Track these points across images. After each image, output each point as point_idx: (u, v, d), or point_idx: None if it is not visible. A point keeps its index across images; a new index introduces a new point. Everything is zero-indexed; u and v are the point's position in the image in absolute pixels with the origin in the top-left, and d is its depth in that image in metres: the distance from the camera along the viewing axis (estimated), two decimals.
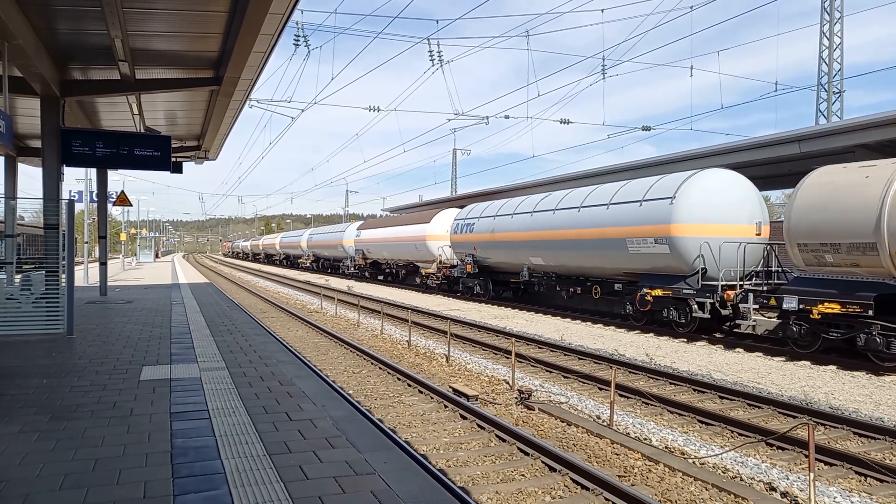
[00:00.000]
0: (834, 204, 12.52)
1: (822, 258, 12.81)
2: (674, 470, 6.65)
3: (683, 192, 16.12)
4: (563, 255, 20.49)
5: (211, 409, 5.68)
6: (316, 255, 56.59)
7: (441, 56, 24.12)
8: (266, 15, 8.89)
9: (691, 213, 15.93)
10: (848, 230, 12.19)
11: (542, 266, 22.10)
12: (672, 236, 15.98)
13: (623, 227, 17.48)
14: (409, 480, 4.09)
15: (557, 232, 20.39)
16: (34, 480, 3.93)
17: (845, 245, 12.29)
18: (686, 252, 15.86)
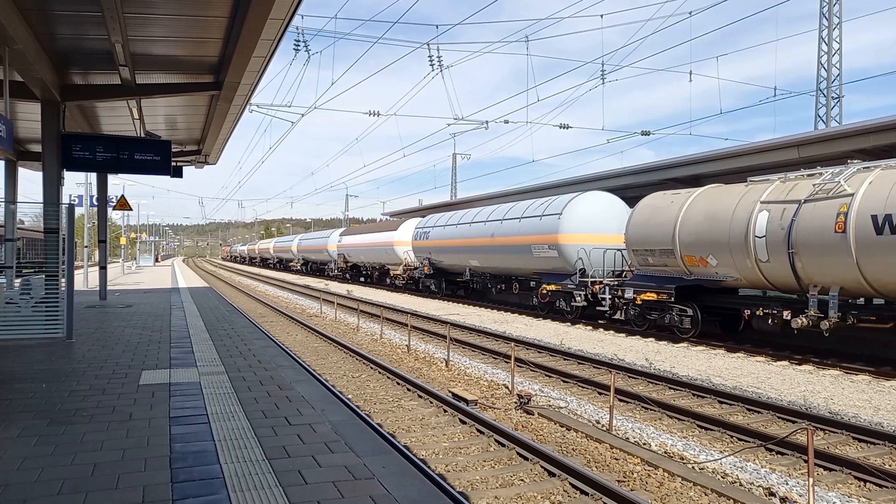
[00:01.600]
0: (652, 220, 16.91)
1: (646, 260, 17.25)
2: (673, 475, 6.65)
3: (568, 209, 20.65)
4: (492, 258, 25.16)
5: (210, 413, 5.68)
6: (305, 258, 60.20)
7: (441, 61, 24.17)
8: (266, 20, 8.92)
9: (573, 226, 20.36)
10: (659, 240, 16.57)
11: (478, 267, 26.84)
12: (559, 244, 20.43)
13: (529, 236, 22.02)
14: (409, 485, 4.09)
15: (487, 240, 24.98)
16: (33, 485, 3.93)
17: (658, 251, 16.68)
18: (569, 256, 20.23)
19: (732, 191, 15.37)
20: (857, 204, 12.14)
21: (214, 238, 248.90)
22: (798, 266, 13.21)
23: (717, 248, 14.98)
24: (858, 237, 12.01)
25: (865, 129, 16.04)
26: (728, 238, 14.59)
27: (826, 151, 16.97)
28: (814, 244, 12.80)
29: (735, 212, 14.57)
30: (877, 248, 11.75)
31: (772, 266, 13.78)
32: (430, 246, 30.29)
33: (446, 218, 29.78)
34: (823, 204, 12.78)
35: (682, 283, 16.01)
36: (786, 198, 13.69)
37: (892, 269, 11.66)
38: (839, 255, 12.35)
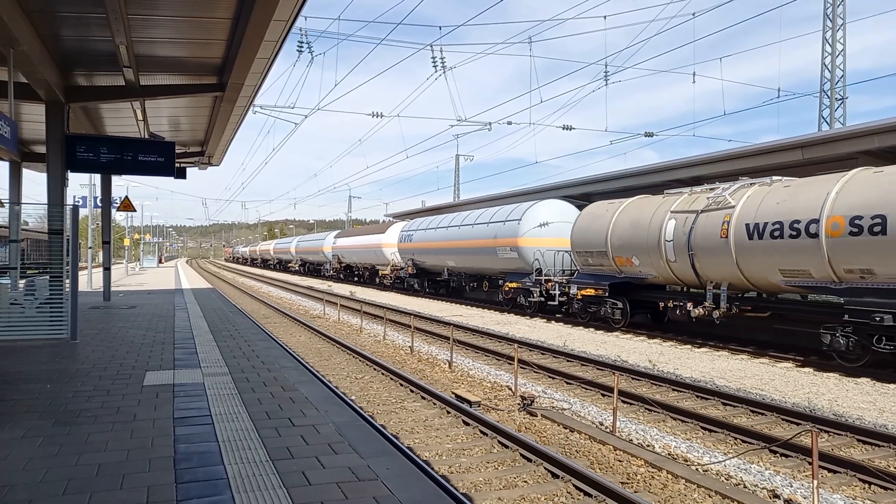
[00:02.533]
0: (591, 227, 19.44)
1: (587, 261, 19.81)
2: (677, 477, 6.64)
3: (525, 215, 23.09)
4: (465, 259, 27.71)
5: (214, 414, 5.69)
6: (303, 259, 62.48)
7: (444, 62, 24.18)
8: (270, 22, 8.93)
9: (530, 231, 22.81)
10: (596, 243, 19.09)
11: (454, 267, 29.38)
12: (519, 246, 22.94)
13: (495, 239, 24.56)
14: (412, 486, 4.09)
15: (461, 242, 27.59)
16: (38, 485, 3.94)
17: (595, 252, 19.19)
18: (527, 257, 22.74)
19: (652, 201, 17.90)
20: (736, 214, 14.63)
21: (218, 239, 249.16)
22: (697, 265, 15.77)
23: (639, 251, 17.51)
24: (737, 241, 14.48)
25: (869, 131, 16.00)
26: (647, 242, 17.11)
27: (830, 153, 16.94)
28: (707, 247, 15.33)
29: (651, 220, 17.15)
30: (749, 250, 14.25)
31: (678, 265, 16.32)
32: (413, 248, 32.80)
33: (427, 222, 32.36)
34: (714, 214, 15.30)
35: (614, 280, 18.62)
36: (688, 208, 16.22)
37: (760, 267, 14.17)
38: (724, 256, 14.84)
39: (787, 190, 14.00)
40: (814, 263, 12.94)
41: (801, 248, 13.10)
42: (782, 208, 13.64)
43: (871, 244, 11.85)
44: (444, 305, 27.21)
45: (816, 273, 12.99)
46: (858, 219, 12.07)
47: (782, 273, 13.67)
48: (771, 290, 14.86)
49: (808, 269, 13.13)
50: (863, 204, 12.09)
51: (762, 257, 13.99)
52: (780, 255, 13.58)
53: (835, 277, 12.68)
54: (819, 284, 13.15)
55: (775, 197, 14.06)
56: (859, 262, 12.18)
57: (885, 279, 11.84)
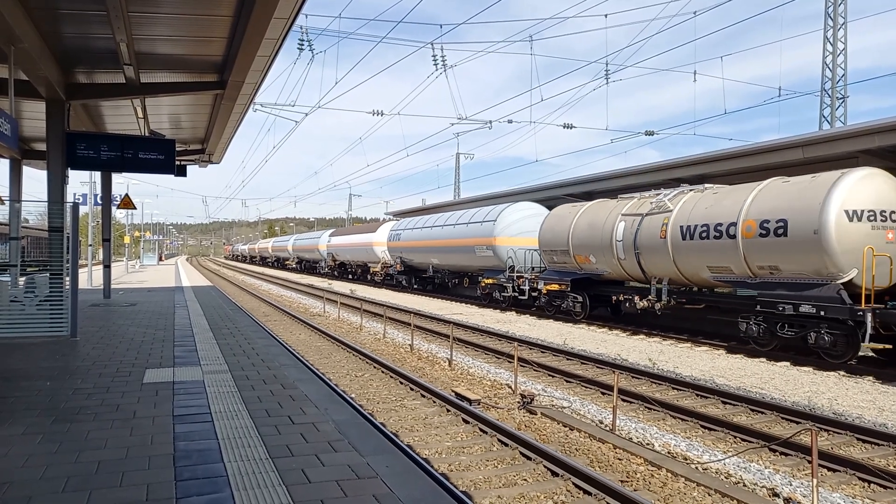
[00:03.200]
0: (556, 228, 21.20)
1: (552, 259, 21.50)
2: (676, 475, 6.64)
3: (500, 217, 25.10)
4: (447, 257, 29.66)
5: (214, 412, 5.69)
6: (299, 257, 64.30)
7: (445, 60, 24.17)
8: (270, 19, 8.93)
9: (504, 231, 24.81)
10: (559, 242, 20.84)
11: (438, 265, 31.41)
12: (494, 245, 24.94)
13: (473, 238, 26.46)
14: (412, 484, 4.10)
15: (443, 241, 29.42)
16: (37, 482, 3.94)
17: (559, 251, 20.93)
18: (502, 255, 24.63)
19: (607, 205, 19.71)
20: (673, 217, 16.35)
21: (218, 237, 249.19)
22: (643, 262, 17.51)
23: (595, 250, 19.30)
24: (673, 241, 16.22)
25: (870, 130, 15.97)
26: (601, 241, 18.88)
27: (831, 152, 16.91)
28: (650, 246, 17.05)
29: (605, 222, 18.94)
30: (683, 249, 16.01)
31: (627, 263, 18.05)
32: (401, 246, 34.73)
33: (414, 222, 34.33)
34: (655, 217, 17.03)
35: (576, 276, 20.41)
36: (636, 211, 17.87)
37: (693, 264, 15.96)
38: (664, 254, 16.57)
39: (715, 196, 15.82)
40: (734, 261, 14.71)
41: (723, 248, 14.87)
42: (710, 212, 15.42)
43: (776, 244, 13.67)
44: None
45: (736, 269, 14.79)
46: (766, 222, 13.84)
47: (710, 270, 15.53)
48: (703, 284, 16.68)
49: (729, 266, 14.92)
50: (770, 209, 13.87)
51: (694, 256, 15.78)
52: (708, 253, 15.35)
53: (750, 273, 14.50)
54: (739, 279, 14.96)
55: (705, 202, 15.87)
56: (768, 260, 13.96)
57: (788, 275, 13.69)
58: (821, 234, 12.74)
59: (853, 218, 12.69)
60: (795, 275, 13.52)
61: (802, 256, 13.23)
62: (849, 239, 12.63)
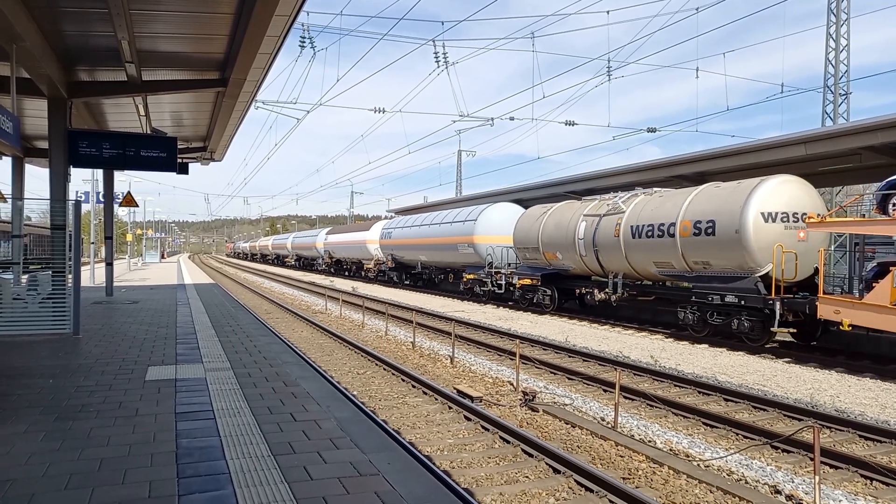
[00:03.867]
0: (528, 227, 23.08)
1: (525, 255, 23.40)
2: (678, 472, 6.64)
3: (480, 216, 27.11)
4: (434, 254, 31.51)
5: (216, 409, 5.70)
6: (298, 254, 66.19)
7: (446, 57, 24.16)
8: (272, 17, 8.92)
9: (484, 230, 26.80)
10: (530, 241, 22.63)
11: (426, 261, 33.31)
12: (474, 243, 26.96)
13: (456, 236, 28.29)
14: (414, 481, 4.10)
15: (430, 239, 31.31)
16: (40, 480, 3.95)
17: (531, 248, 22.74)
18: (482, 252, 26.61)
19: (572, 206, 21.55)
20: (625, 218, 18.08)
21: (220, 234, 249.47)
22: (601, 259, 19.29)
23: (560, 247, 21.02)
24: (625, 239, 17.93)
25: (873, 126, 15.94)
26: (566, 240, 20.64)
27: (833, 148, 16.90)
28: (606, 244, 18.80)
29: (570, 221, 20.67)
30: (634, 246, 17.72)
31: (588, 259, 19.89)
32: (392, 244, 36.64)
33: (404, 221, 36.45)
34: (611, 217, 18.76)
35: (545, 271, 22.17)
36: (595, 212, 19.65)
37: (641, 260, 17.65)
38: (617, 251, 18.31)
39: (661, 199, 17.44)
40: (674, 257, 16.48)
41: (665, 246, 16.62)
42: (655, 214, 17.12)
43: (707, 242, 15.43)
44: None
45: (676, 265, 16.55)
46: (699, 223, 15.60)
47: (656, 265, 17.31)
48: (651, 278, 18.33)
49: (671, 261, 16.70)
50: (702, 211, 15.62)
51: (642, 252, 17.48)
52: (654, 250, 17.09)
53: (687, 268, 16.29)
54: (679, 273, 16.74)
55: (652, 205, 17.50)
56: (701, 256, 15.78)
57: (717, 269, 15.49)
58: (741, 233, 14.44)
59: (768, 219, 14.36)
60: (723, 269, 15.32)
61: (728, 253, 14.94)
62: (764, 237, 14.26)
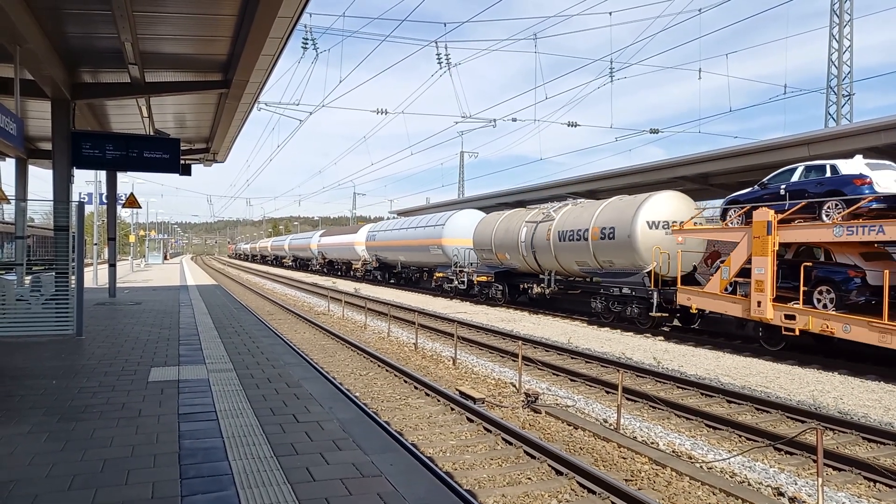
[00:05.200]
0: (484, 231, 26.35)
1: (483, 256, 26.66)
2: (681, 474, 6.63)
3: (448, 221, 30.63)
4: (410, 255, 35.00)
5: (219, 410, 5.70)
6: (295, 256, 69.69)
7: (449, 59, 24.17)
8: (275, 19, 8.94)
9: (450, 233, 30.19)
10: (486, 243, 25.86)
11: (405, 262, 37.09)
12: (443, 245, 30.37)
13: (428, 239, 31.75)
14: (416, 483, 4.10)
15: (407, 241, 34.72)
16: (43, 481, 3.96)
17: (487, 249, 25.89)
18: (449, 253, 29.98)
19: (518, 214, 24.80)
20: (554, 224, 21.47)
21: (223, 236, 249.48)
22: (538, 259, 22.69)
23: (508, 249, 24.27)
24: (554, 242, 21.28)
25: (876, 127, 15.92)
26: (512, 242, 23.88)
27: (836, 150, 16.86)
28: (540, 246, 22.17)
29: (515, 227, 23.89)
30: (561, 248, 21.10)
31: (529, 259, 23.18)
32: (376, 246, 40.33)
33: (387, 224, 40.59)
34: (545, 224, 22.10)
35: (498, 269, 25.58)
36: (534, 220, 22.87)
37: (567, 260, 21.08)
38: (549, 252, 21.68)
39: (581, 209, 21.01)
40: (588, 257, 19.86)
41: (582, 248, 20.04)
42: (576, 221, 20.58)
43: (609, 245, 18.86)
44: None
45: (591, 263, 19.94)
46: (605, 229, 19.06)
47: (577, 264, 20.75)
48: (575, 275, 21.77)
49: (587, 260, 20.09)
50: (606, 220, 19.16)
51: (567, 253, 20.90)
52: (575, 252, 20.52)
53: (598, 266, 19.70)
54: (593, 270, 20.17)
55: (574, 213, 20.99)
56: (606, 256, 19.17)
57: (618, 267, 18.86)
58: (632, 237, 17.94)
59: (653, 227, 17.80)
60: (622, 267, 18.70)
61: (624, 253, 18.37)
62: (650, 241, 17.63)
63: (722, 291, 14.96)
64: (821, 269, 13.17)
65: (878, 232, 11.83)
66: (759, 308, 13.76)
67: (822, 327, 12.55)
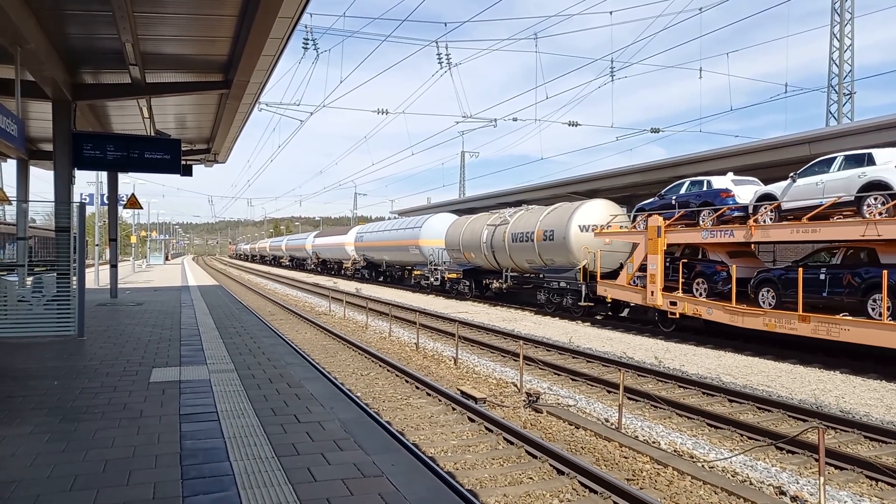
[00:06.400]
0: (454, 233, 29.27)
1: (453, 255, 29.67)
2: (683, 473, 6.63)
3: (424, 224, 33.61)
4: (392, 254, 38.34)
5: (220, 410, 5.71)
6: (291, 256, 72.67)
7: (449, 59, 24.17)
8: (275, 19, 8.94)
9: (427, 235, 33.00)
10: (455, 244, 28.84)
11: (388, 261, 40.30)
12: (420, 245, 33.35)
13: (407, 240, 35.07)
14: (417, 483, 4.10)
15: (390, 242, 38.03)
16: (45, 481, 3.97)
17: (456, 250, 28.94)
18: (425, 253, 32.93)
19: (483, 217, 27.60)
20: (509, 227, 24.52)
21: (224, 236, 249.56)
22: (496, 258, 25.71)
23: (473, 249, 27.33)
24: (509, 243, 24.28)
25: (877, 126, 15.90)
26: (476, 243, 26.87)
27: (838, 148, 16.81)
28: (499, 247, 25.12)
29: (479, 229, 26.81)
30: (514, 248, 24.08)
31: (489, 258, 26.15)
32: (364, 246, 43.63)
33: (373, 226, 43.70)
34: (502, 227, 25.09)
35: (465, 267, 28.76)
36: (494, 223, 25.88)
37: (519, 259, 24.03)
38: (505, 252, 24.74)
39: (530, 214, 24.06)
40: (535, 256, 22.84)
41: (529, 248, 23.06)
42: (526, 224, 23.53)
43: (551, 245, 21.91)
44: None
45: (537, 262, 22.93)
46: (547, 232, 22.07)
47: (527, 262, 23.77)
48: (527, 272, 24.52)
49: (534, 259, 23.04)
50: (548, 223, 22.16)
51: (520, 253, 23.81)
52: (525, 251, 23.50)
53: (543, 263, 22.69)
54: (540, 268, 23.03)
55: (525, 218, 24.00)
56: (549, 255, 22.20)
57: (558, 264, 21.91)
58: (566, 239, 21.07)
59: (584, 230, 20.85)
60: (560, 264, 21.73)
61: (561, 252, 21.42)
62: (581, 242, 20.73)
63: (628, 284, 18.16)
64: (699, 264, 16.44)
65: (730, 235, 15.03)
66: (653, 296, 17.10)
67: (693, 311, 15.85)
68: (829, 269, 13.08)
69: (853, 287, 12.48)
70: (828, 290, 12.99)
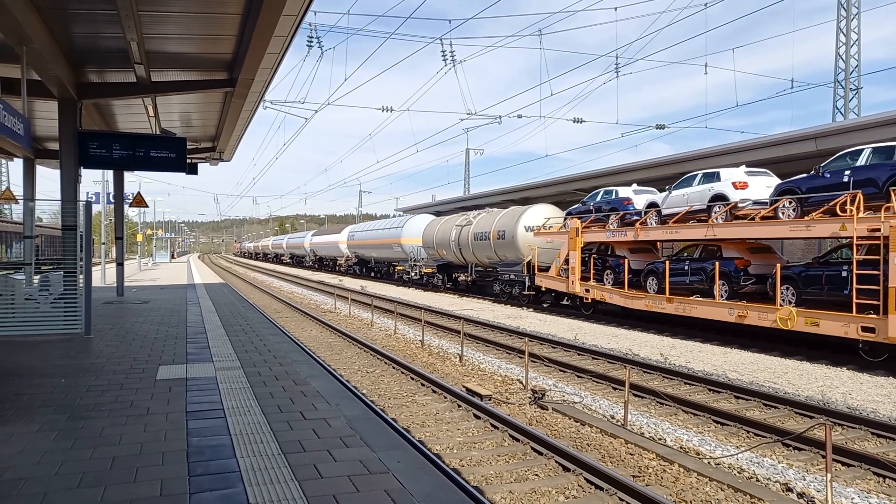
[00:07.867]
0: (430, 232, 32.48)
1: (429, 252, 32.87)
2: (689, 470, 6.61)
3: (405, 224, 37.25)
4: (378, 252, 42.01)
5: (226, 408, 5.72)
6: (291, 253, 76.37)
7: (454, 56, 24.17)
8: (279, 17, 8.94)
9: (407, 234, 36.41)
10: (430, 242, 32.00)
11: (376, 258, 43.67)
12: (401, 243, 37.00)
13: (390, 238, 38.69)
14: (423, 479, 4.10)
15: (376, 240, 41.80)
16: (52, 478, 3.99)
17: (431, 247, 32.10)
18: (406, 250, 36.52)
19: (453, 219, 30.52)
20: (472, 227, 27.70)
21: (230, 234, 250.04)
22: (463, 254, 28.90)
23: (444, 246, 30.40)
24: (472, 242, 27.40)
25: (884, 121, 15.82)
26: (447, 241, 29.92)
27: (844, 144, 16.74)
28: (464, 244, 28.22)
29: (449, 229, 29.97)
30: (477, 246, 27.16)
31: (457, 254, 29.34)
32: (355, 244, 47.15)
33: (364, 226, 47.55)
34: (467, 227, 28.26)
35: (439, 263, 31.99)
36: (461, 224, 29.00)
37: (481, 255, 27.18)
38: (469, 249, 27.85)
39: (489, 216, 27.33)
40: (492, 253, 26.04)
41: (487, 246, 26.25)
42: (485, 225, 26.71)
43: (503, 244, 25.01)
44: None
45: (494, 257, 26.08)
46: (500, 232, 25.29)
47: (487, 258, 26.99)
48: (488, 266, 27.56)
49: (492, 255, 26.21)
50: (502, 224, 25.43)
51: (481, 250, 26.98)
52: (485, 249, 26.65)
53: (498, 259, 25.83)
54: (496, 263, 26.24)
55: (485, 219, 27.14)
56: (502, 252, 25.29)
57: (509, 260, 24.96)
58: (514, 238, 24.31)
59: (528, 230, 24.00)
60: (511, 260, 24.77)
61: (511, 250, 24.54)
62: (527, 241, 23.87)
63: (557, 275, 21.66)
64: (609, 259, 19.77)
65: (625, 235, 18.63)
66: (573, 285, 20.59)
67: (600, 296, 19.40)
68: (692, 262, 16.70)
69: (705, 274, 15.98)
70: (689, 277, 16.53)
